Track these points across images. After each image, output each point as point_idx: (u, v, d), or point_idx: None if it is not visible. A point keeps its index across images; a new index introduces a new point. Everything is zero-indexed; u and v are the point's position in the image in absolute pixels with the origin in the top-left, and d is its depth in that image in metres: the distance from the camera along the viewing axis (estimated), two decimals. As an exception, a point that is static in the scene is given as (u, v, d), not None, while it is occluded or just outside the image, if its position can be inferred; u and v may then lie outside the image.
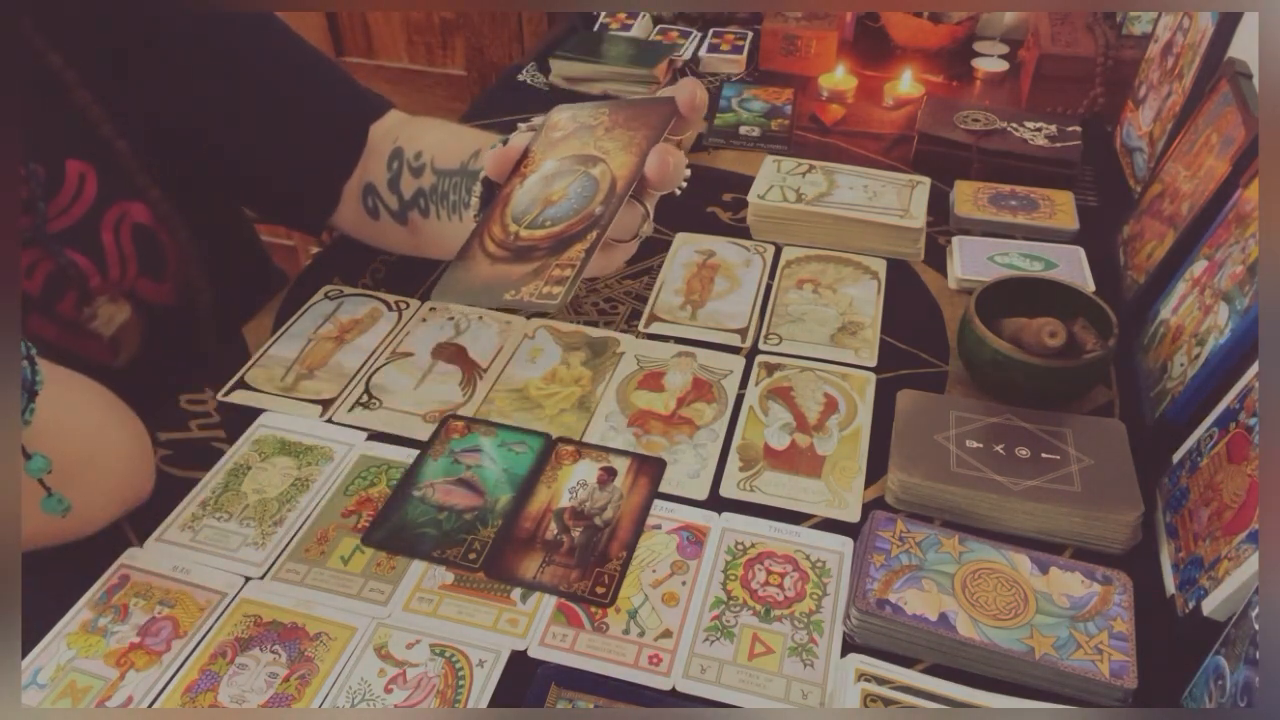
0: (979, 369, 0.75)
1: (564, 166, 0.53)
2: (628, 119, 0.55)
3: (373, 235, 0.84)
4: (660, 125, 0.53)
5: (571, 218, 0.50)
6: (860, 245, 0.93)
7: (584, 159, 0.53)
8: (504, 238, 0.51)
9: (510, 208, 0.53)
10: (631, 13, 1.37)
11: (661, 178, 0.52)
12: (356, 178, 0.80)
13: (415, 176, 0.76)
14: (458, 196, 0.72)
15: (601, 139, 0.54)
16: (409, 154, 0.77)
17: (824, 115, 1.17)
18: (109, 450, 0.62)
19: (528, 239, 0.50)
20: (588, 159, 0.53)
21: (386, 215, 0.79)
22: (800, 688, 0.56)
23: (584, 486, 0.68)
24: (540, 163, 0.55)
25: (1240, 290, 0.67)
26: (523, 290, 0.47)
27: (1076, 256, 0.89)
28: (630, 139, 0.53)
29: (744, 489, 0.68)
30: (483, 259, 0.51)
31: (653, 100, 0.55)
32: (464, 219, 0.71)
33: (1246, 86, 0.79)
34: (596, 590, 0.61)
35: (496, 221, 0.53)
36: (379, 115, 0.81)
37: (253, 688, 0.56)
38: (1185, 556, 0.60)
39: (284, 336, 0.82)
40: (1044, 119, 1.07)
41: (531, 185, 0.54)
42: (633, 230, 0.56)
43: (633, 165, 0.51)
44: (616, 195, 0.50)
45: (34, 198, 0.70)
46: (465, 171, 0.71)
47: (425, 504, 0.67)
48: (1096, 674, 0.54)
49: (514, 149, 0.58)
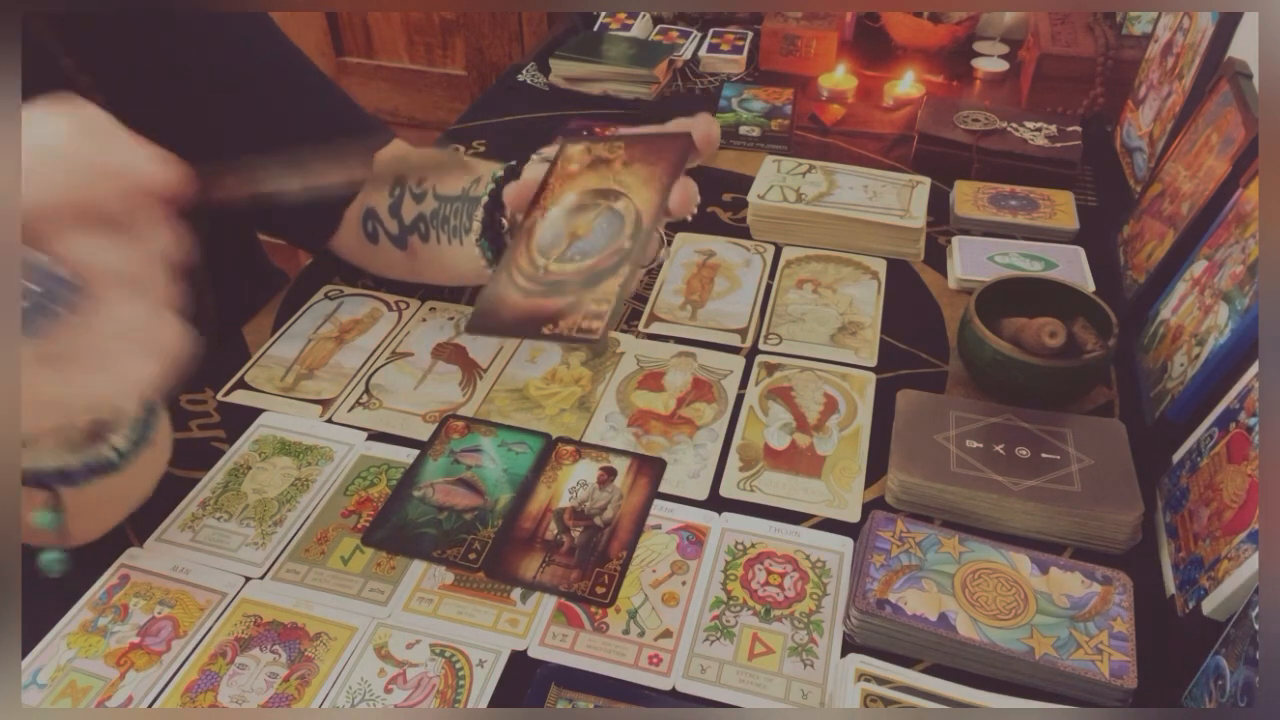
0: (979, 369, 0.75)
1: (586, 200, 0.55)
2: (645, 153, 0.56)
3: (370, 259, 0.84)
4: (679, 161, 0.55)
5: (601, 252, 0.51)
6: (860, 245, 0.93)
7: (605, 193, 0.54)
8: (533, 271, 0.52)
9: (535, 241, 0.54)
10: (631, 13, 1.37)
11: (683, 210, 0.55)
12: (358, 203, 0.81)
13: (417, 202, 0.77)
14: (459, 222, 0.72)
15: (620, 173, 0.55)
16: (411, 180, 0.78)
17: (824, 115, 1.17)
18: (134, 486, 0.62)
19: (558, 273, 0.51)
20: (609, 193, 0.54)
21: (386, 239, 0.80)
22: (800, 688, 0.56)
23: (584, 486, 0.68)
24: (560, 196, 0.56)
25: (1240, 290, 0.67)
26: (560, 324, 0.48)
27: (1076, 256, 0.89)
28: (650, 173, 0.54)
29: (744, 489, 0.68)
30: (513, 292, 0.52)
31: (669, 135, 0.56)
32: (464, 243, 0.72)
33: (1246, 86, 0.79)
34: (596, 590, 0.61)
35: (523, 255, 0.53)
36: (384, 144, 0.82)
37: (253, 688, 0.56)
38: (1185, 556, 0.60)
39: (284, 336, 0.82)
40: (1044, 119, 1.07)
41: (555, 219, 0.54)
42: (653, 257, 0.58)
43: (656, 200, 0.53)
44: (644, 229, 0.52)
45: None
46: (466, 198, 0.72)
47: (425, 504, 0.67)
48: (1096, 674, 0.54)
49: (531, 181, 0.59)
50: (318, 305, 0.85)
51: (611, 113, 1.18)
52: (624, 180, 0.54)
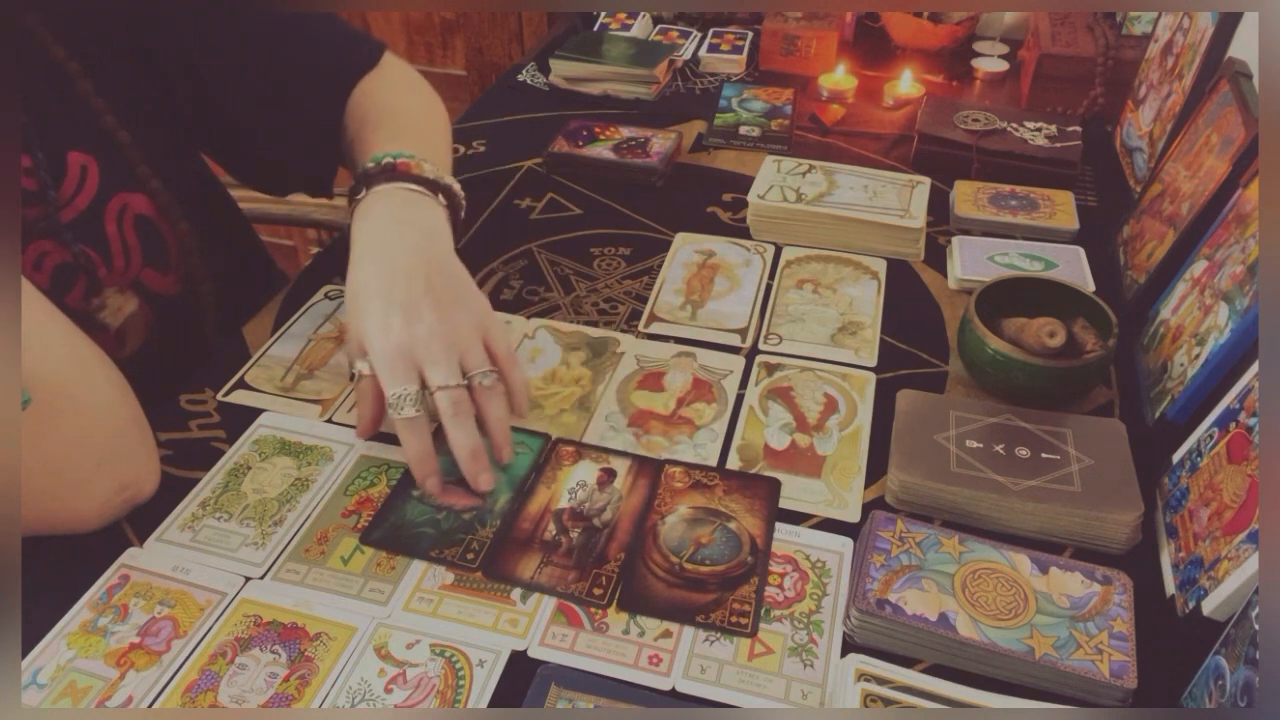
0: (979, 369, 0.75)
1: (698, 515, 0.66)
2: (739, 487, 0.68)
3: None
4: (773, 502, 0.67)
5: (731, 560, 0.62)
6: (860, 245, 0.93)
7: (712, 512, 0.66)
8: (669, 565, 0.62)
9: (663, 539, 0.64)
10: (631, 13, 1.37)
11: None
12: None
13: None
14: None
15: (722, 498, 0.67)
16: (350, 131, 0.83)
17: (824, 115, 1.17)
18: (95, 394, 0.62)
19: (693, 571, 0.62)
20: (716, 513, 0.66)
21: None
22: (800, 688, 0.56)
23: (583, 487, 0.68)
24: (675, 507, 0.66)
25: (1240, 290, 0.67)
26: (713, 615, 0.59)
27: (1076, 256, 0.89)
28: (750, 505, 0.66)
29: (744, 489, 0.68)
30: (655, 582, 0.61)
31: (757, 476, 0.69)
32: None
33: (1246, 86, 0.79)
34: (594, 591, 0.61)
35: (655, 550, 0.63)
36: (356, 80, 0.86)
37: (253, 688, 0.56)
38: (1185, 556, 0.60)
39: (284, 336, 0.82)
40: (1044, 119, 1.07)
41: (675, 524, 0.65)
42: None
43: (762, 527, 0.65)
44: (760, 552, 0.63)
45: (44, 187, 0.70)
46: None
47: (424, 504, 0.67)
48: (1096, 674, 0.54)
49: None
50: (318, 305, 0.85)
51: (611, 113, 1.18)
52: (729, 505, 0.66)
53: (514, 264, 0.92)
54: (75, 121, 0.73)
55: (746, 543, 0.64)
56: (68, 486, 0.61)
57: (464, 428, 0.65)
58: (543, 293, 0.88)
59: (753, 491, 0.68)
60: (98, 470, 0.62)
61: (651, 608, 0.60)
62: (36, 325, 0.59)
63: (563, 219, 0.99)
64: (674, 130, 1.10)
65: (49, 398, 0.58)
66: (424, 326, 0.65)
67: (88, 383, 0.62)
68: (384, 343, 0.65)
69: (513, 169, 1.07)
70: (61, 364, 0.60)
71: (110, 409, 0.62)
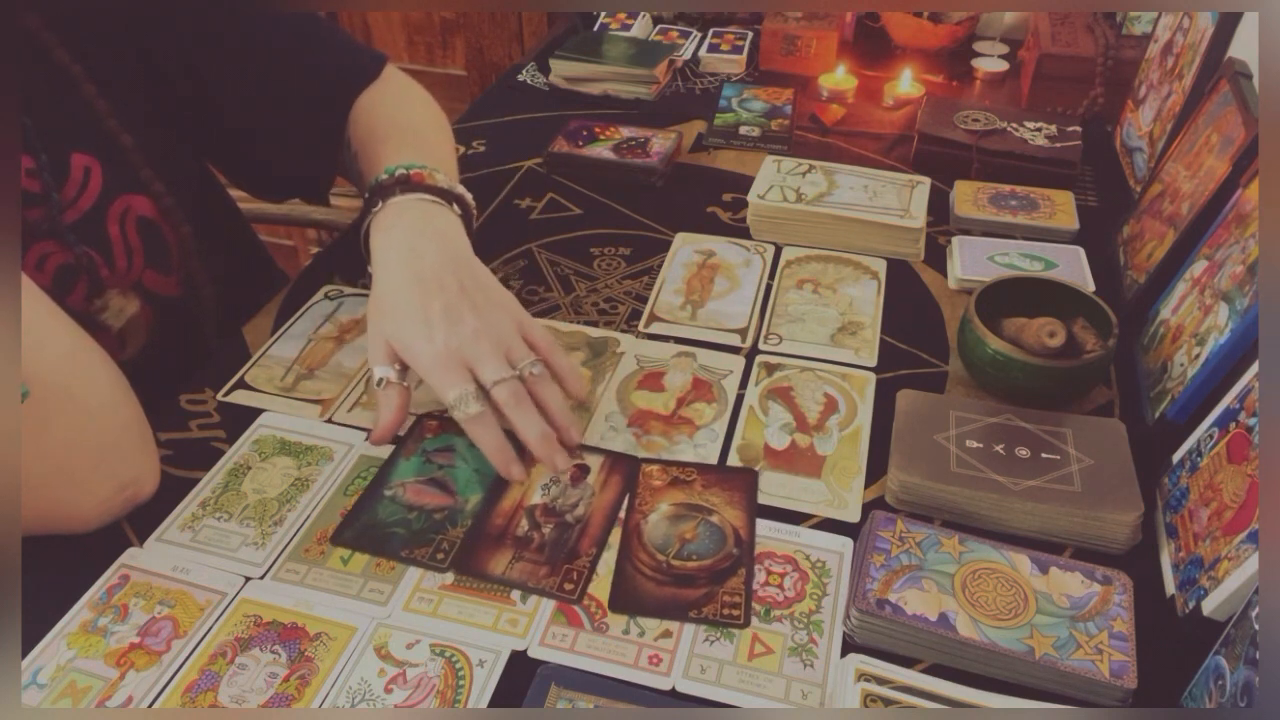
0: (979, 369, 0.75)
1: (679, 511, 0.66)
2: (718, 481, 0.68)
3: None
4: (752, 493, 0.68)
5: (716, 554, 0.63)
6: (860, 245, 0.93)
7: (693, 507, 0.66)
8: (655, 563, 0.63)
9: (647, 538, 0.64)
10: (631, 13, 1.37)
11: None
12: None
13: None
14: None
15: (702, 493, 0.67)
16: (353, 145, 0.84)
17: (824, 115, 1.17)
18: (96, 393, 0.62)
19: (680, 568, 0.62)
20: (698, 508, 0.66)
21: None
22: (800, 688, 0.56)
23: (556, 483, 0.68)
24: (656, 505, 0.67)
25: (1240, 290, 0.67)
26: (705, 609, 0.60)
27: (1076, 256, 0.89)
28: (730, 497, 0.67)
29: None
30: (644, 582, 0.62)
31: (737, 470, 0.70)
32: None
33: (1246, 86, 0.79)
34: (565, 586, 0.61)
35: (640, 549, 0.63)
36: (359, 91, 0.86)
37: (253, 688, 0.56)
38: (1185, 556, 0.60)
39: (284, 336, 0.82)
40: (1044, 119, 1.07)
41: (658, 522, 0.65)
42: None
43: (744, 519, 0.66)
44: (744, 543, 0.64)
45: (47, 189, 0.70)
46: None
47: (395, 503, 0.67)
48: (1096, 674, 0.54)
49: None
50: (318, 305, 0.85)
51: (611, 113, 1.18)
52: (710, 499, 0.67)
53: (514, 264, 0.92)
54: (79, 124, 0.73)
55: (730, 535, 0.64)
56: (68, 486, 0.61)
57: (527, 415, 0.66)
58: (542, 293, 0.88)
59: (731, 484, 0.68)
60: (98, 470, 0.62)
61: (644, 607, 0.60)
62: (38, 324, 0.59)
63: (563, 219, 0.99)
64: (674, 130, 1.10)
65: (50, 397, 0.58)
66: (467, 328, 0.66)
67: (89, 383, 0.62)
68: (431, 349, 0.65)
69: (513, 169, 1.07)
70: (62, 363, 0.60)
71: (111, 409, 0.63)
